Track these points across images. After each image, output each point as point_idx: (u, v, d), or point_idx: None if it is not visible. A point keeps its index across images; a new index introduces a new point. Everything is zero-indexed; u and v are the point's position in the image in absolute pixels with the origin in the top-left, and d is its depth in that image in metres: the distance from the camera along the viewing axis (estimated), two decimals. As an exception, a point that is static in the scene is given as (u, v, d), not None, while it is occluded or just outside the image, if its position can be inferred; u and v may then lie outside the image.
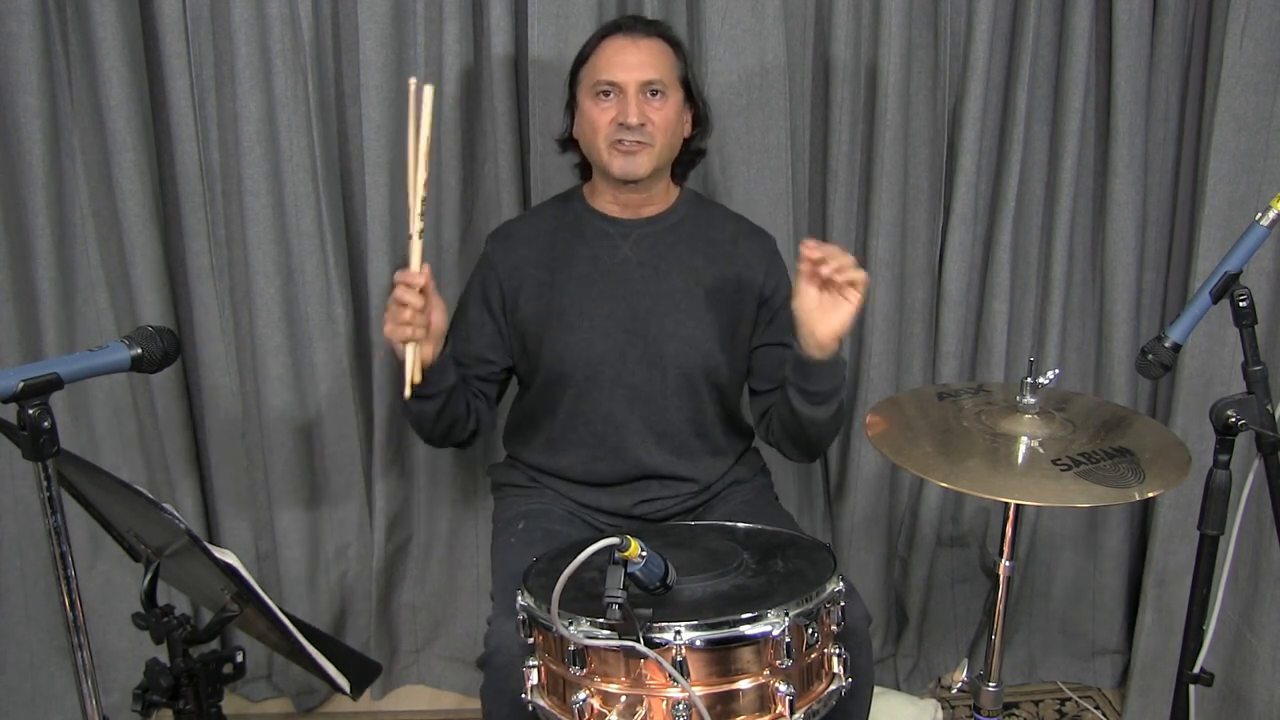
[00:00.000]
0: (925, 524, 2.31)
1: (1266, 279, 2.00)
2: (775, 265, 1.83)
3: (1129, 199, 2.14)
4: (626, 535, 1.20)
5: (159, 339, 1.25)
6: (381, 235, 2.09)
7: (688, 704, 1.20)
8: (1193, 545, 1.47)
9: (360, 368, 2.19)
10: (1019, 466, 1.43)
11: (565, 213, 1.83)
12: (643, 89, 1.67)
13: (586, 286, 1.76)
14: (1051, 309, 2.23)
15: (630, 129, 1.66)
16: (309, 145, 2.02)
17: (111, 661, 2.17)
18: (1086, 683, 2.45)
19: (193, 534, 1.15)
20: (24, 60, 1.90)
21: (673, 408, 1.78)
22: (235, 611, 1.24)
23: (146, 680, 1.29)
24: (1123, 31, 2.05)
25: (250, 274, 2.08)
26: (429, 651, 2.41)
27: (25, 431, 1.10)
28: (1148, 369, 1.46)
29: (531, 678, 1.33)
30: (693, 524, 1.65)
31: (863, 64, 2.10)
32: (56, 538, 1.14)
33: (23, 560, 2.14)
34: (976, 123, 2.10)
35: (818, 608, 1.28)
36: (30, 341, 2.04)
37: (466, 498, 2.29)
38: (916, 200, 2.18)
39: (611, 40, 1.70)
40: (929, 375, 2.28)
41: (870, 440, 1.52)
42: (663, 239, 1.79)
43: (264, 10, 1.95)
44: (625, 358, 1.75)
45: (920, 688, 2.42)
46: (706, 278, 1.78)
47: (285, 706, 2.35)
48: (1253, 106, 1.98)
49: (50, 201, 1.98)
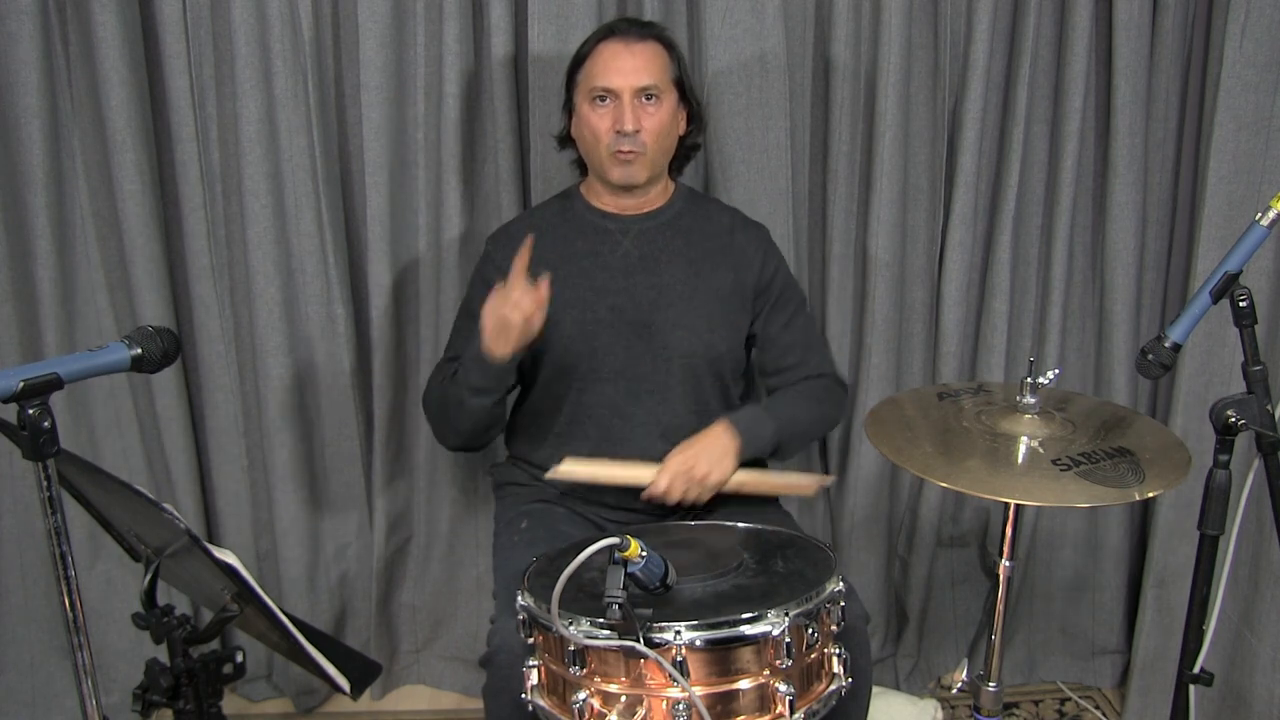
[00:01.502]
0: (925, 524, 2.31)
1: (1266, 279, 2.00)
2: (770, 253, 1.88)
3: (1129, 199, 2.14)
4: (626, 535, 1.20)
5: (159, 339, 1.25)
6: (381, 235, 2.09)
7: (688, 704, 1.20)
8: (1193, 545, 1.46)
9: (360, 368, 2.19)
10: (1019, 466, 1.43)
11: (565, 211, 1.86)
12: (638, 95, 1.70)
13: (589, 281, 1.79)
14: (1051, 309, 2.23)
15: (626, 135, 1.69)
16: (309, 145, 2.02)
17: (111, 661, 2.18)
18: (1086, 683, 2.45)
19: (193, 534, 1.15)
20: (24, 60, 1.90)
21: (677, 399, 1.80)
22: (235, 611, 1.24)
23: (146, 680, 1.29)
24: (1123, 31, 2.05)
25: (250, 274, 2.08)
26: (429, 651, 2.41)
27: (25, 431, 1.10)
28: (1148, 369, 1.46)
29: (531, 678, 1.33)
30: (693, 524, 1.65)
31: (862, 64, 2.10)
32: (56, 538, 1.14)
33: (23, 560, 2.14)
34: (976, 123, 2.10)
35: (818, 608, 1.28)
36: (30, 341, 2.04)
37: (467, 498, 2.29)
38: (916, 200, 2.18)
39: (607, 45, 1.72)
40: (929, 375, 2.28)
41: (870, 440, 1.52)
42: (662, 233, 1.82)
43: (264, 10, 1.95)
44: (630, 350, 1.78)
45: (920, 688, 2.42)
46: (705, 270, 1.81)
47: (285, 706, 2.35)
48: (1253, 106, 1.98)
49: (50, 201, 1.98)
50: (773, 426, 1.75)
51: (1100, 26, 2.10)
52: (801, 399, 1.85)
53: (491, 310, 1.59)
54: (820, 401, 1.87)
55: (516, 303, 1.56)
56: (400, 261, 2.15)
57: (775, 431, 1.75)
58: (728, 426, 1.70)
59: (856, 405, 2.25)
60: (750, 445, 1.70)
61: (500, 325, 1.58)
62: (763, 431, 1.73)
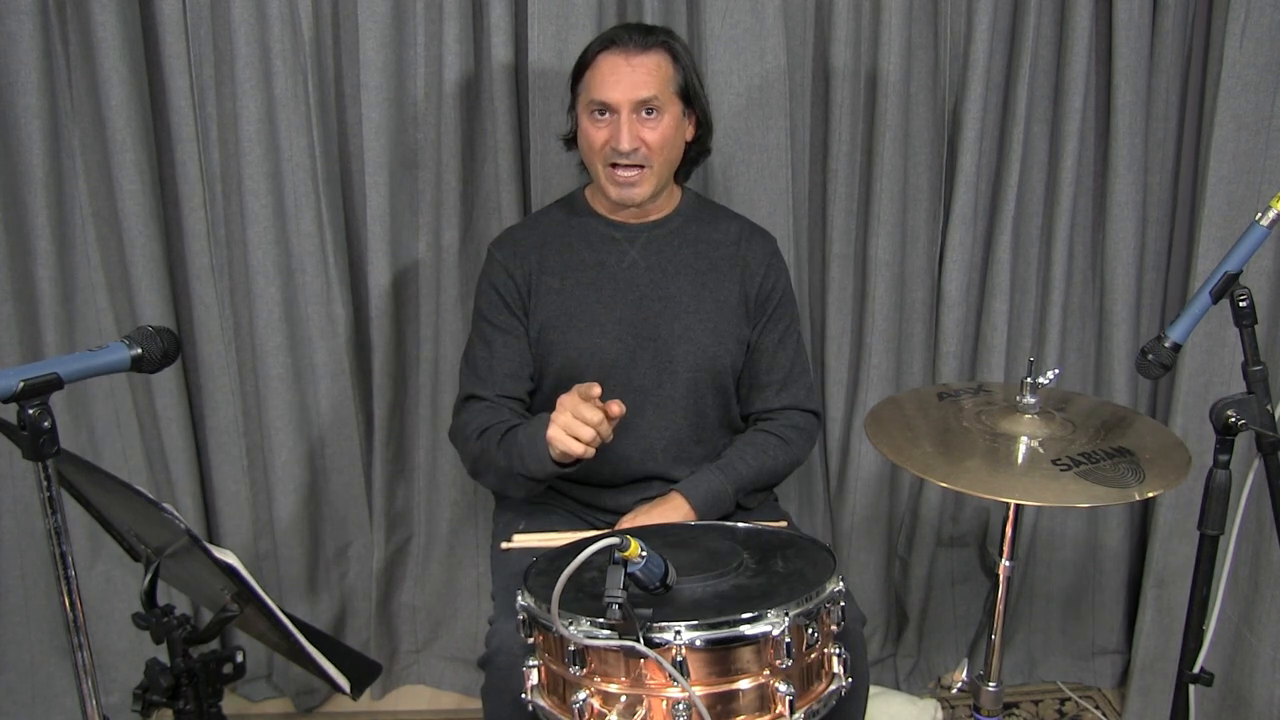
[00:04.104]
0: (925, 524, 2.31)
1: (1266, 279, 2.00)
2: (775, 265, 1.85)
3: (1129, 199, 2.14)
4: (626, 535, 1.20)
5: (159, 339, 1.25)
6: (381, 235, 2.09)
7: (688, 704, 1.20)
8: (1193, 545, 1.47)
9: (360, 368, 2.19)
10: (1019, 466, 1.43)
11: (570, 218, 1.83)
12: (637, 109, 1.66)
13: (596, 291, 1.77)
14: (1051, 309, 2.23)
15: (624, 154, 1.66)
16: (309, 145, 2.02)
17: (111, 661, 2.18)
18: (1086, 683, 2.45)
19: (193, 534, 1.14)
20: (24, 60, 1.90)
21: (679, 411, 1.79)
22: (235, 611, 1.24)
23: (146, 680, 1.29)
24: (1123, 31, 2.05)
25: (250, 274, 2.08)
26: (429, 651, 2.41)
27: (25, 431, 1.10)
28: (1148, 369, 1.46)
29: (531, 678, 1.33)
30: (692, 524, 1.65)
31: (863, 64, 2.10)
32: (56, 538, 1.14)
33: (23, 560, 2.14)
34: (976, 123, 2.10)
35: (818, 608, 1.28)
36: (30, 341, 2.04)
37: (466, 498, 2.29)
38: (916, 200, 2.18)
39: (607, 57, 1.68)
40: (929, 375, 2.28)
41: (870, 440, 1.52)
42: (669, 242, 1.80)
43: (264, 10, 1.95)
44: (636, 361, 1.77)
45: (920, 688, 2.42)
46: (712, 281, 1.79)
47: (285, 706, 2.35)
48: (1253, 106, 1.98)
49: (50, 201, 1.98)
50: (731, 490, 1.75)
51: (1100, 26, 2.10)
52: (762, 453, 1.80)
53: (569, 412, 1.54)
54: (785, 446, 1.82)
55: (587, 420, 1.52)
56: (400, 261, 2.15)
57: (734, 493, 1.76)
58: (685, 499, 1.71)
59: (856, 405, 2.25)
60: (706, 515, 1.72)
61: (570, 429, 1.53)
62: (720, 499, 1.74)
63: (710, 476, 1.75)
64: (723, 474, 1.76)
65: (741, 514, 1.80)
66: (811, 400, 1.89)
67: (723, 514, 1.76)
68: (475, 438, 1.72)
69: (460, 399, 1.81)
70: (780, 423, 1.84)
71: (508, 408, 1.76)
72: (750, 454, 1.79)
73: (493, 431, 1.70)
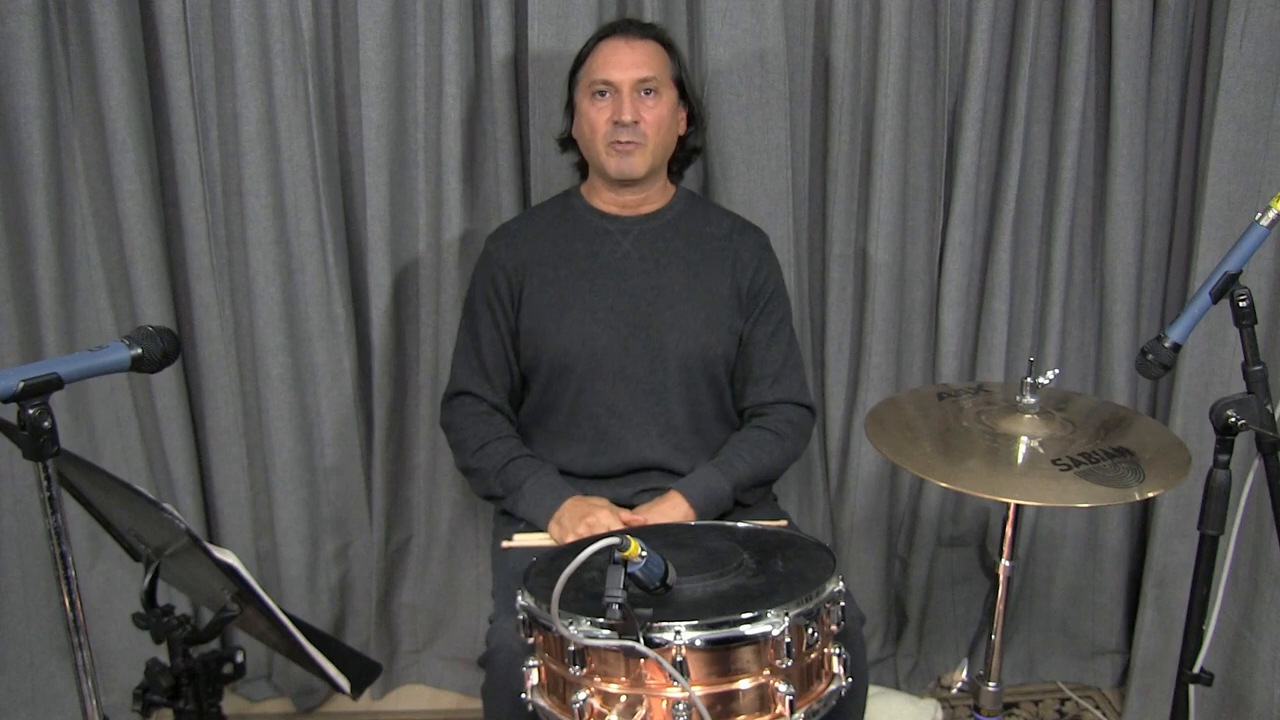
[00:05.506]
0: (925, 524, 2.31)
1: (1266, 279, 2.00)
2: (767, 259, 1.88)
3: (1129, 199, 2.14)
4: (626, 535, 1.20)
5: (159, 339, 1.25)
6: (381, 235, 2.09)
7: (688, 704, 1.20)
8: (1193, 545, 1.46)
9: (360, 368, 2.19)
10: (1019, 466, 1.43)
11: (565, 211, 1.87)
12: (636, 87, 1.72)
13: (589, 280, 1.80)
14: (1051, 309, 2.23)
15: (625, 126, 1.71)
16: (309, 145, 2.02)
17: (111, 661, 2.17)
18: (1086, 683, 2.45)
19: (193, 534, 1.14)
20: (24, 60, 1.90)
21: (674, 400, 1.81)
22: (235, 611, 1.24)
23: (146, 680, 1.29)
24: (1123, 31, 2.05)
25: (250, 274, 2.09)
26: (429, 651, 2.41)
27: (25, 431, 1.10)
28: (1148, 369, 1.46)
29: (531, 677, 1.33)
30: (692, 524, 1.65)
31: (862, 64, 2.10)
32: (56, 538, 1.14)
33: (23, 560, 2.14)
34: (976, 123, 2.10)
35: (818, 608, 1.28)
36: (30, 341, 2.04)
37: (466, 498, 2.29)
38: (916, 200, 2.18)
39: (607, 42, 1.75)
40: (929, 375, 2.28)
41: (870, 440, 1.52)
42: (661, 235, 1.83)
43: (264, 10, 1.95)
44: (628, 350, 1.78)
45: (920, 688, 2.42)
46: (704, 272, 1.82)
47: (285, 706, 2.35)
48: (1253, 106, 1.98)
49: (50, 202, 1.98)
50: (729, 487, 1.76)
51: (1100, 26, 2.10)
52: (758, 449, 1.82)
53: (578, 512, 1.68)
54: (780, 442, 1.84)
55: (597, 522, 1.65)
56: (400, 261, 2.15)
57: (732, 491, 1.77)
58: (683, 498, 1.73)
59: (856, 405, 2.25)
60: (706, 514, 1.73)
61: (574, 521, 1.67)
62: (718, 497, 1.75)
63: (708, 475, 1.77)
64: (720, 472, 1.77)
65: (741, 511, 1.80)
66: (805, 394, 1.91)
67: (722, 512, 1.77)
68: (473, 452, 1.81)
69: (451, 392, 1.89)
70: (775, 417, 1.85)
71: (501, 413, 1.85)
72: (746, 451, 1.81)
73: (491, 454, 1.80)
